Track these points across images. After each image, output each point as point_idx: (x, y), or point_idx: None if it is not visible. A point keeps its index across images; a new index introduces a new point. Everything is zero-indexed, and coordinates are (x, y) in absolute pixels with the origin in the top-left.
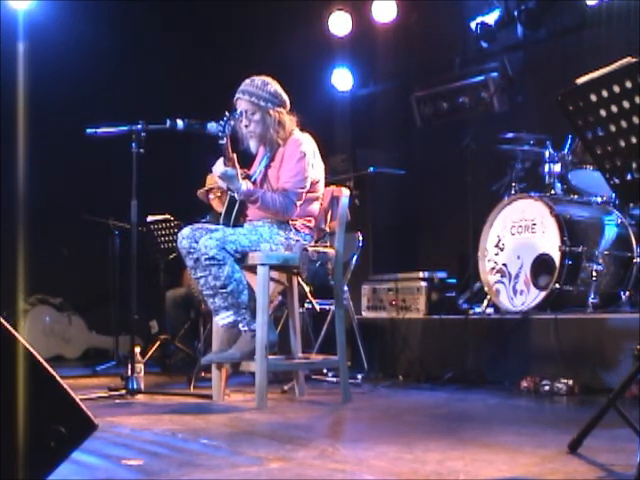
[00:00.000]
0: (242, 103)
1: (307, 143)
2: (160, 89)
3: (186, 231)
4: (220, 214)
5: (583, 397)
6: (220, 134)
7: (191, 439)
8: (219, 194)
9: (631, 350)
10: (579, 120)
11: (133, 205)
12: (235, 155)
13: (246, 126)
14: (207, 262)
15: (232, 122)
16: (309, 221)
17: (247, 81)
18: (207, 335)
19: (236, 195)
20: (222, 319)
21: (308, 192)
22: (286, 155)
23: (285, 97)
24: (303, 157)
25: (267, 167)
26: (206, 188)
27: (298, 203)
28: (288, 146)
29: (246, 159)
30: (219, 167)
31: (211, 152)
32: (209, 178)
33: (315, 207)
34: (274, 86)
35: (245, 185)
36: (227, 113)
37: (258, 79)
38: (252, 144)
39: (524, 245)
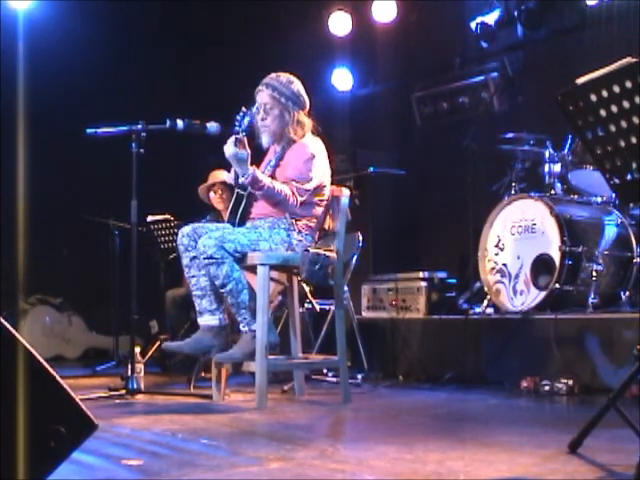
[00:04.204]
0: (263, 96)
1: (315, 146)
2: (160, 89)
3: (187, 229)
4: (219, 211)
5: (583, 397)
6: (237, 128)
7: (191, 439)
8: (220, 192)
9: (631, 350)
10: (579, 120)
11: (133, 205)
12: (246, 139)
13: (263, 119)
14: (206, 261)
15: (248, 118)
16: (311, 221)
17: (272, 75)
18: None
19: (242, 179)
20: (204, 321)
21: (315, 195)
22: (294, 155)
23: (306, 99)
24: (311, 158)
25: (276, 167)
26: (208, 184)
27: (300, 199)
28: (296, 147)
29: (256, 155)
30: (230, 148)
31: (211, 152)
32: (211, 176)
33: (319, 210)
34: (297, 86)
35: (254, 170)
36: (244, 108)
37: (284, 76)
38: (264, 139)
39: (524, 245)
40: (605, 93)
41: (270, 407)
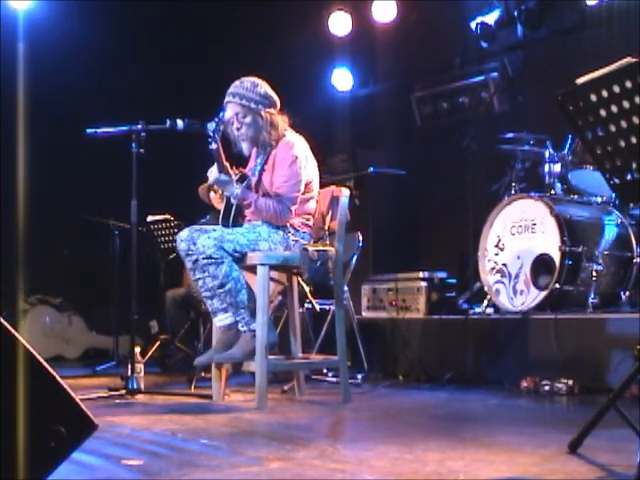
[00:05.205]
0: (232, 106)
1: (298, 145)
2: (160, 89)
3: (184, 233)
4: (220, 211)
5: (583, 397)
6: (210, 139)
7: (191, 439)
8: (220, 192)
9: (631, 350)
10: (579, 120)
11: (133, 205)
12: (228, 163)
13: (238, 129)
14: (205, 261)
15: (221, 127)
16: (307, 219)
17: (236, 83)
18: (207, 335)
19: (232, 199)
20: (220, 320)
21: (303, 193)
22: (278, 159)
23: (275, 97)
24: (295, 160)
25: (261, 171)
26: (208, 183)
27: (293, 208)
28: (280, 149)
29: (239, 160)
30: (213, 174)
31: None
32: None
33: (311, 205)
34: (264, 87)
35: (239, 190)
36: (216, 119)
37: (247, 81)
38: (244, 146)
39: (524, 245)
40: (605, 93)
41: (270, 407)
